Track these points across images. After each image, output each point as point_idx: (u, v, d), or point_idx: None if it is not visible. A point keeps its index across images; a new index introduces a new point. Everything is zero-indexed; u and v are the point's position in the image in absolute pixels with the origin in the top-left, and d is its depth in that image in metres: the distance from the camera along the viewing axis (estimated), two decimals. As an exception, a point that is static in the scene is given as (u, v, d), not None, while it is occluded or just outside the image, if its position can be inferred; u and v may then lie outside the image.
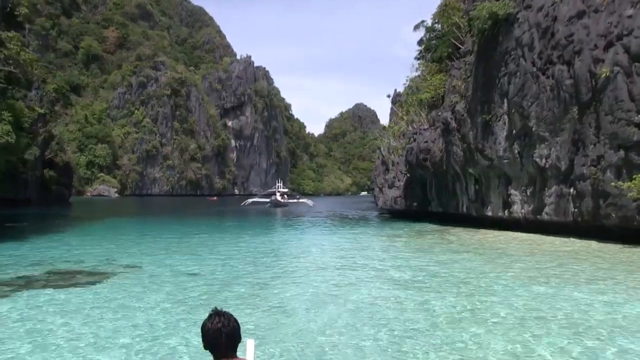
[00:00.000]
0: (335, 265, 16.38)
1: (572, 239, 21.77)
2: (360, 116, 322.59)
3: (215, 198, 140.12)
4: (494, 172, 27.73)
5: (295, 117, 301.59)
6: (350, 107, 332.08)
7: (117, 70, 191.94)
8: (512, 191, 26.39)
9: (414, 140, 36.93)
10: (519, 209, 25.94)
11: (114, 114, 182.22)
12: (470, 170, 29.64)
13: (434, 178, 35.05)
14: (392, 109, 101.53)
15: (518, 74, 24.56)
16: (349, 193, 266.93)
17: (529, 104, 23.85)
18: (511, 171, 26.20)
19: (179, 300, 11.01)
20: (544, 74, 23.17)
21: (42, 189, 70.42)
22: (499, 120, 26.33)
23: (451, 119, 30.23)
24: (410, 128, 43.01)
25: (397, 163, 42.40)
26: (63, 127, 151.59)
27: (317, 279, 13.87)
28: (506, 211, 27.07)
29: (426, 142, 34.32)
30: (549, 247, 20.20)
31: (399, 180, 42.04)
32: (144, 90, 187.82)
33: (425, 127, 36.63)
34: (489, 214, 28.54)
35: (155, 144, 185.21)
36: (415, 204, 39.38)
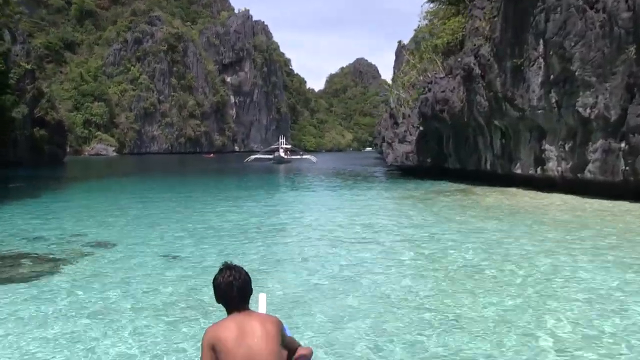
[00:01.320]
0: (350, 239, 13.36)
1: (623, 203, 18.65)
2: (361, 71, 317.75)
3: (211, 155, 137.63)
4: (524, 125, 24.50)
5: (295, 72, 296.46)
6: (351, 62, 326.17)
7: (111, 26, 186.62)
8: (547, 146, 23.21)
9: (429, 90, 33.59)
10: (554, 167, 22.82)
11: (110, 71, 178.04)
12: (496, 123, 26.41)
13: (452, 131, 31.84)
14: (397, 60, 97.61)
15: (559, 9, 21.06)
16: (350, 149, 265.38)
17: (572, 44, 20.44)
18: (546, 123, 22.97)
19: (145, 306, 8.00)
20: (592, 7, 19.72)
21: (34, 149, 67.26)
22: (533, 64, 22.95)
23: (474, 64, 26.79)
24: (422, 78, 39.57)
25: (409, 116, 39.09)
26: (58, 86, 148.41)
27: (328, 259, 10.99)
28: (538, 169, 23.96)
29: (443, 91, 30.97)
30: (602, 212, 17.10)
31: (410, 135, 38.82)
32: (139, 47, 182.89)
33: (441, 75, 33.22)
34: (518, 171, 25.43)
35: (153, 101, 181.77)
36: (429, 160, 36.28)
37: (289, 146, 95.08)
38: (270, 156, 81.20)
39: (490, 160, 27.89)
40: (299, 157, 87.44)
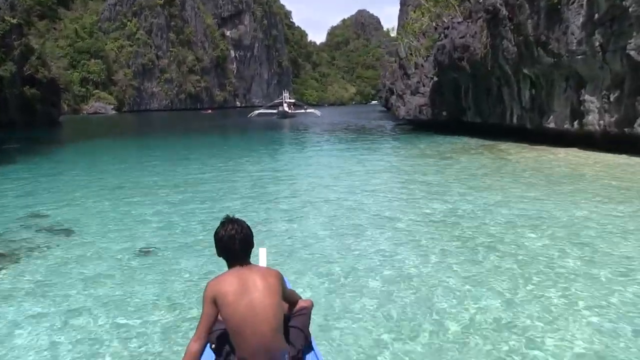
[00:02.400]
0: (367, 222, 10.43)
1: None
2: (363, 23, 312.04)
3: (209, 110, 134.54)
4: (560, 73, 21.53)
5: (296, 25, 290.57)
6: (353, 13, 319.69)
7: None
8: (587, 97, 20.30)
9: (445, 36, 30.42)
10: (595, 120, 19.97)
11: (106, 26, 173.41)
12: (526, 71, 23.39)
13: (472, 81, 28.84)
14: (402, 9, 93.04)
15: None
16: (353, 102, 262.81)
17: (624, -26, 17.40)
18: (587, 70, 20.01)
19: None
20: None
21: (26, 109, 64.21)
22: (573, 2, 19.85)
23: (501, 5, 23.60)
24: (435, 24, 36.32)
25: (422, 65, 35.94)
26: (52, 43, 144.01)
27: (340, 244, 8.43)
28: (575, 123, 21.14)
29: (462, 37, 27.83)
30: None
31: (423, 86, 35.76)
32: (135, 1, 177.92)
33: (459, 19, 30.00)
34: (551, 125, 22.59)
35: (151, 57, 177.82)
36: (444, 113, 33.40)
37: (292, 100, 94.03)
38: (274, 111, 79.85)
39: (517, 113, 24.99)
40: (303, 111, 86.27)
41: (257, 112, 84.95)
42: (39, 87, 66.58)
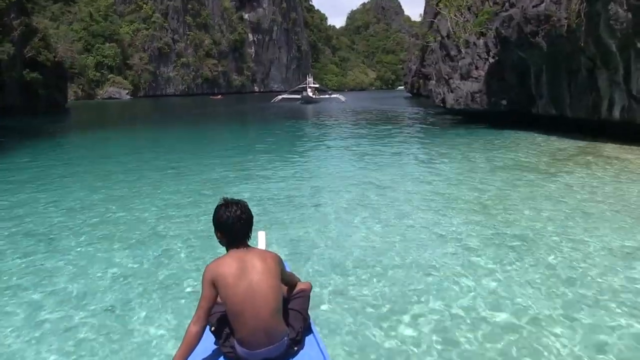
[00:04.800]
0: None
1: None
2: (383, 7, 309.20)
3: (219, 96, 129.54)
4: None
5: (316, 8, 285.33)
6: None
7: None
8: None
9: (512, 5, 24.28)
10: None
11: (121, 9, 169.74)
12: (640, 46, 17.37)
13: (548, 62, 22.68)
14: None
15: None
16: (373, 88, 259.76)
17: None
18: None
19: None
20: None
21: (27, 94, 59.18)
22: None
23: (606, -44, 17.53)
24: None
25: (474, 44, 29.84)
26: (66, 26, 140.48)
27: None
28: None
29: (538, 4, 21.71)
30: None
31: (476, 69, 29.68)
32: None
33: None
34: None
35: (168, 41, 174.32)
36: (504, 102, 27.37)
37: (317, 85, 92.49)
38: (298, 96, 78.02)
39: (620, 104, 18.89)
40: (327, 96, 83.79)
41: (280, 97, 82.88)
42: (42, 70, 61.51)
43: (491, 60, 28.47)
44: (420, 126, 32.72)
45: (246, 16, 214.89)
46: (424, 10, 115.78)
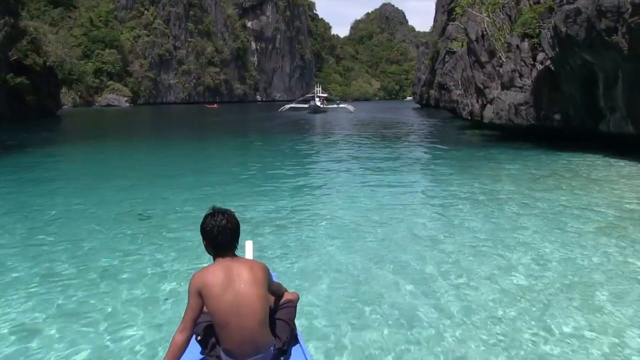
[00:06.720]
0: None
1: None
2: (387, 17, 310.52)
3: (215, 105, 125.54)
4: None
5: (320, 17, 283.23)
6: (377, 7, 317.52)
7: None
8: None
9: (575, -1, 19.83)
10: None
11: (122, 15, 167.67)
12: None
13: (625, 68, 18.26)
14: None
15: None
16: (377, 98, 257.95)
17: None
18: None
19: None
20: None
21: (13, 100, 54.83)
22: None
23: None
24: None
25: (517, 47, 25.36)
26: (66, 32, 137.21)
27: None
28: None
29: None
30: None
31: (520, 77, 25.20)
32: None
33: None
34: None
35: (169, 48, 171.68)
36: (557, 116, 22.87)
37: (325, 95, 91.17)
38: (306, 105, 76.81)
39: None
40: (335, 106, 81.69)
41: (288, 106, 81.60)
42: (31, 75, 57.21)
43: (539, 66, 23.99)
44: (459, 149, 27.10)
45: (249, 24, 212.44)
46: (434, 18, 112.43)
